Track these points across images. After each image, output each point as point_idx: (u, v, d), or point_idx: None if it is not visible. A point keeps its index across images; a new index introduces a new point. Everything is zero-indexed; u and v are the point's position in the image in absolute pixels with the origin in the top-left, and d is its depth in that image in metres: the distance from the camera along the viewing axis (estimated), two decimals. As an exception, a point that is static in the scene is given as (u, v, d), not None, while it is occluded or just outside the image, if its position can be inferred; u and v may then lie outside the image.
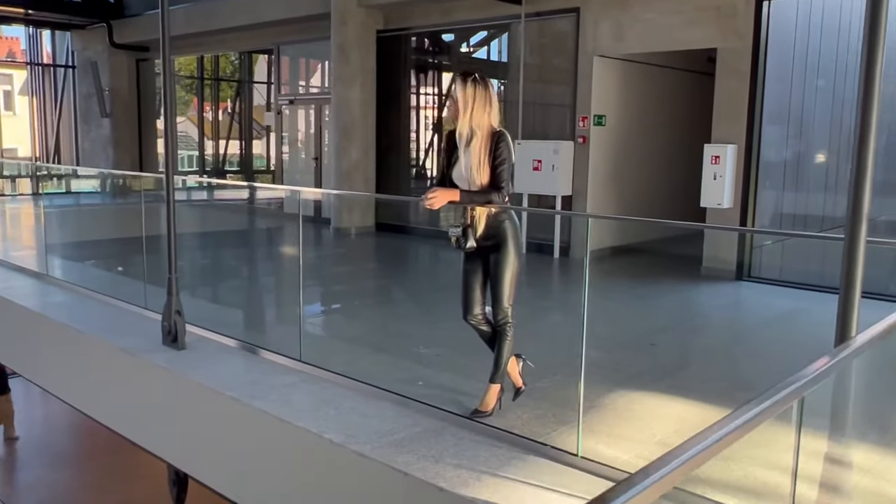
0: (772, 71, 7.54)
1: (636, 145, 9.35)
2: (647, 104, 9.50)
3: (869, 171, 2.36)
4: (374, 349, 5.31)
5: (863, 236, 2.40)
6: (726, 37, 7.53)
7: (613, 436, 3.81)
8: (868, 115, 2.30)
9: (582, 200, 8.75)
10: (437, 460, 3.45)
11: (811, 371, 1.35)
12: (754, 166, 7.54)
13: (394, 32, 10.87)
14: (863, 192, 2.31)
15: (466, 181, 3.89)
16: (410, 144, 11.50)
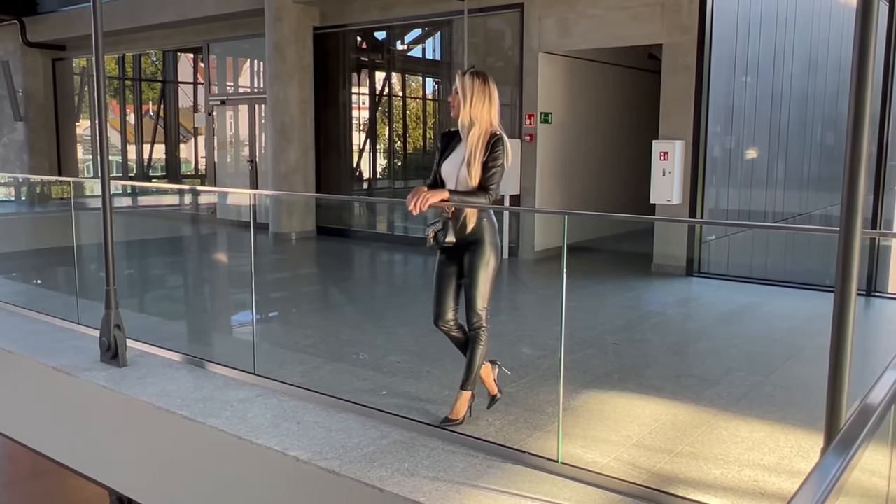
0: (715, 66, 7.61)
1: (584, 142, 9.33)
2: (593, 101, 9.49)
3: (863, 167, 2.28)
4: (331, 358, 5.07)
5: (858, 230, 2.32)
6: (671, 32, 7.56)
7: (589, 439, 3.70)
8: (861, 108, 2.21)
9: (531, 199, 8.66)
10: (412, 473, 3.26)
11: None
12: (702, 162, 7.58)
13: (331, 29, 10.58)
14: (857, 186, 2.23)
15: (455, 176, 3.74)
16: (351, 145, 11.21)
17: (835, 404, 2.51)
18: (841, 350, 2.45)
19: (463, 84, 3.68)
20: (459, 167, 3.72)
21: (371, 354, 5.17)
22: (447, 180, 3.78)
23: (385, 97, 11.30)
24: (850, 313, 2.44)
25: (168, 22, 12.06)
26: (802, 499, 0.83)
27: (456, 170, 3.75)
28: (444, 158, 3.79)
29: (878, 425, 1.10)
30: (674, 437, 3.72)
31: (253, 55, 12.49)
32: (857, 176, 2.39)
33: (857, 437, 1.00)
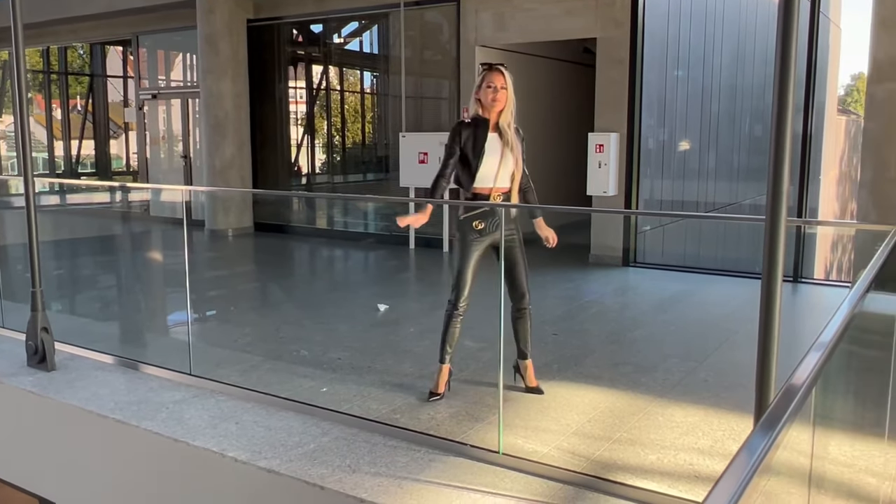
0: (648, 60, 7.76)
1: (522, 136, 9.39)
2: (530, 94, 9.54)
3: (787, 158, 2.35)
4: (270, 356, 4.99)
5: (783, 219, 2.39)
6: (605, 26, 7.67)
7: (530, 429, 3.73)
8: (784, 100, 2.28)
9: (469, 192, 8.68)
10: (353, 470, 3.24)
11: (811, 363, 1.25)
12: (636, 154, 7.73)
13: (266, 22, 10.40)
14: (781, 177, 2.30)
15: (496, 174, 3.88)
16: (289, 139, 11.05)
17: (763, 387, 2.59)
18: (768, 334, 2.53)
19: (506, 79, 3.81)
20: (500, 164, 3.86)
21: (311, 351, 5.11)
22: (485, 178, 3.87)
23: (323, 91, 11.17)
24: (776, 299, 2.52)
25: (95, 13, 11.65)
26: (729, 480, 0.85)
27: (496, 167, 3.87)
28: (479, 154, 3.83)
29: (801, 405, 1.13)
30: (612, 424, 3.78)
31: (185, 48, 12.18)
32: (781, 167, 2.46)
33: (781, 418, 1.02)
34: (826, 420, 3.53)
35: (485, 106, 3.87)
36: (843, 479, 3.26)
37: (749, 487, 0.83)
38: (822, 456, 3.35)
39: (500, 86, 3.80)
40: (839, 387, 3.32)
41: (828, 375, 2.81)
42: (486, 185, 3.89)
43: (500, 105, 3.81)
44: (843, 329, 1.49)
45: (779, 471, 2.16)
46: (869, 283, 1.87)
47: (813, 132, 7.31)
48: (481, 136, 3.83)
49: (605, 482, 3.14)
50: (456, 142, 3.87)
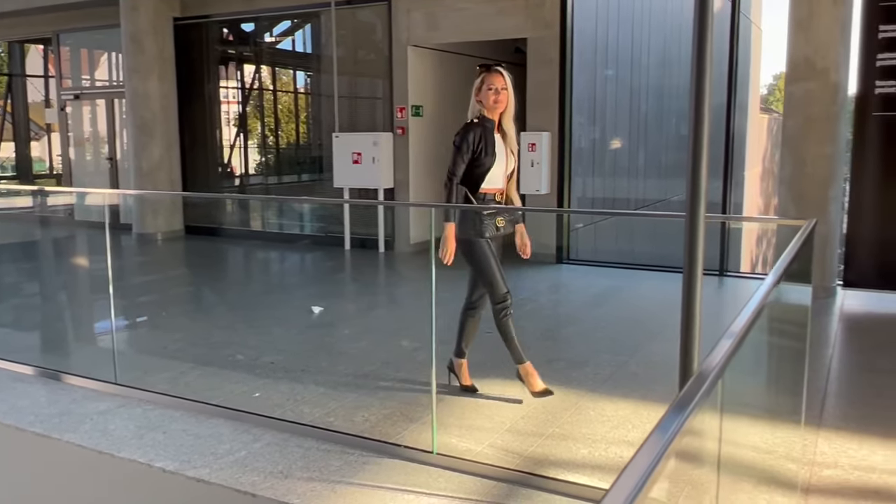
0: (578, 60, 7.88)
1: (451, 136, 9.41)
2: (463, 94, 9.56)
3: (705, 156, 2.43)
4: (200, 362, 4.87)
5: (702, 215, 2.47)
6: (535, 27, 7.76)
7: (464, 427, 3.75)
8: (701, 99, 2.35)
9: (404, 192, 8.67)
10: (285, 476, 3.19)
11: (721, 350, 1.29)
12: (567, 153, 7.84)
13: (193, 20, 10.16)
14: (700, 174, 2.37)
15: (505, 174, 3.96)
16: (220, 140, 10.82)
17: (685, 378, 2.65)
18: (689, 327, 2.59)
19: (506, 80, 3.84)
20: (505, 165, 3.94)
21: (244, 356, 5.01)
22: (494, 179, 3.91)
23: (255, 91, 10.98)
24: (696, 292, 2.59)
25: (13, 10, 11.18)
26: (638, 463, 0.86)
27: (504, 167, 3.94)
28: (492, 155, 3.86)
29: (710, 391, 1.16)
30: (545, 420, 3.82)
31: (109, 47, 11.80)
32: (700, 164, 2.53)
33: (691, 402, 1.05)
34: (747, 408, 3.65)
35: (487, 108, 3.88)
36: (766, 466, 3.37)
37: (655, 472, 0.84)
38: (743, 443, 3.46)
39: (501, 87, 3.83)
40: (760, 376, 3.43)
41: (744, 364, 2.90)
42: (494, 185, 3.94)
43: (502, 106, 3.85)
44: (752, 319, 1.54)
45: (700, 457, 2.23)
46: (779, 276, 1.94)
47: (735, 130, 7.55)
48: (491, 138, 3.86)
49: (537, 478, 3.18)
50: (470, 143, 3.86)
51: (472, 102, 3.94)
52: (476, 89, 3.92)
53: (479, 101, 3.89)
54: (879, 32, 5.89)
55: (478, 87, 3.90)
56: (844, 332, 5.60)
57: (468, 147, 3.84)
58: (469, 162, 3.87)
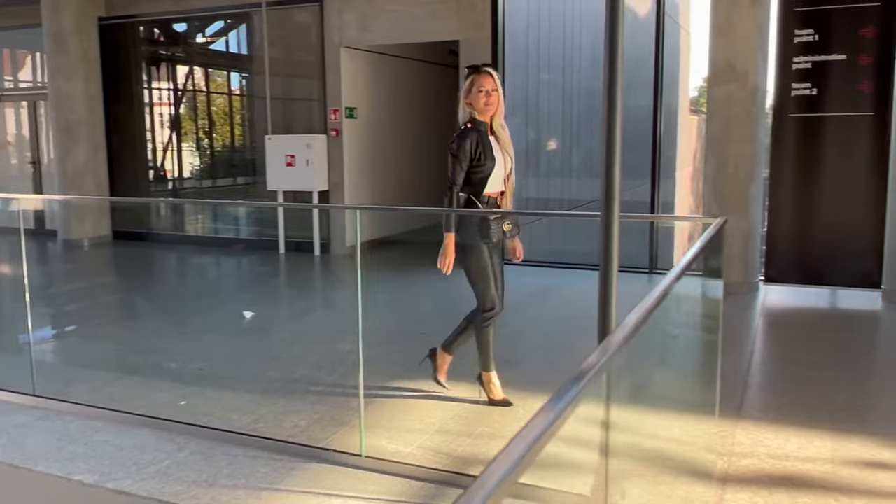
0: (511, 62, 7.95)
1: (390, 136, 9.42)
2: (397, 96, 9.60)
3: (618, 157, 2.50)
4: (125, 371, 4.75)
5: (616, 215, 2.54)
6: (467, 29, 7.80)
7: (394, 429, 3.75)
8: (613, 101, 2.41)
9: (339, 194, 8.62)
10: (210, 484, 3.14)
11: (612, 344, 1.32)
12: (500, 154, 7.90)
13: (119, 20, 9.89)
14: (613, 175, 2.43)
15: (504, 178, 3.86)
16: (150, 143, 10.56)
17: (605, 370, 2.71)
18: (605, 325, 2.65)
19: (496, 81, 3.73)
20: (503, 167, 3.83)
21: (172, 363, 4.91)
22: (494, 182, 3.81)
23: (186, 92, 10.75)
24: (612, 291, 2.65)
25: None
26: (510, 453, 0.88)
27: (502, 170, 3.82)
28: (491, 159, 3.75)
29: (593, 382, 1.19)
30: (475, 420, 3.85)
31: (31, 47, 11.39)
32: (613, 165, 2.59)
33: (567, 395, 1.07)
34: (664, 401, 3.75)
35: (478, 110, 3.77)
36: (686, 457, 3.47)
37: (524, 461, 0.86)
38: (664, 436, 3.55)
39: (492, 89, 3.72)
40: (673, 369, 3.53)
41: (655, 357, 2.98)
42: (494, 189, 3.85)
43: (493, 108, 3.75)
44: (648, 311, 1.58)
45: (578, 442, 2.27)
46: (681, 271, 2.00)
47: (665, 131, 7.74)
48: (487, 142, 3.77)
49: (466, 478, 3.19)
50: (467, 148, 3.74)
51: (462, 106, 3.81)
52: (465, 92, 3.79)
53: (469, 103, 3.77)
54: (795, 37, 6.12)
55: (467, 90, 3.78)
56: (766, 326, 5.80)
57: (465, 154, 3.73)
58: (469, 168, 3.76)
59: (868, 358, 4.92)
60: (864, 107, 5.98)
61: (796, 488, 3.06)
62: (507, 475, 0.82)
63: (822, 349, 5.05)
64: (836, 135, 6.08)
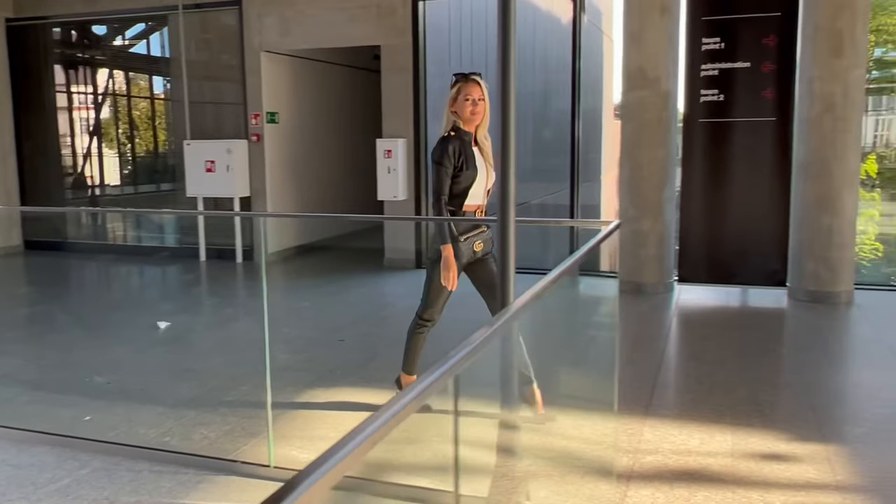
0: (432, 67, 7.98)
1: (313, 142, 9.33)
2: (320, 100, 9.52)
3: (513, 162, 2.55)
4: (29, 387, 4.57)
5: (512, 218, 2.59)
6: (388, 34, 7.80)
7: (307, 438, 3.71)
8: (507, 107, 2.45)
9: (262, 201, 8.49)
10: (111, 502, 3.05)
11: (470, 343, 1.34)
12: (424, 159, 7.93)
13: (28, 21, 9.51)
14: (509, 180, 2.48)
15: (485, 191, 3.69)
16: (62, 149, 10.18)
17: (504, 378, 2.75)
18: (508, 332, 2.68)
19: (483, 90, 3.57)
20: (486, 179, 3.66)
21: (80, 378, 4.74)
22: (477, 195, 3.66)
23: (102, 96, 10.42)
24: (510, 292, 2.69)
25: None
26: (337, 450, 0.88)
27: (484, 182, 3.65)
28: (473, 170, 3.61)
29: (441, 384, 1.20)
30: (389, 425, 3.84)
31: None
32: (508, 170, 2.63)
33: (402, 400, 1.08)
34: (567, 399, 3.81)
35: (463, 119, 3.60)
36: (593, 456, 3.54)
37: (347, 458, 0.87)
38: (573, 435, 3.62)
39: (479, 97, 3.57)
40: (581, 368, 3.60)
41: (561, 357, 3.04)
42: (475, 202, 3.68)
43: (479, 118, 3.60)
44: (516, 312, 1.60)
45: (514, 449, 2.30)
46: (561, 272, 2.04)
47: (584, 135, 7.89)
48: (470, 151, 3.61)
49: (378, 484, 3.19)
50: (450, 158, 3.57)
51: (447, 114, 3.65)
52: (451, 100, 3.63)
53: (455, 112, 3.61)
54: (703, 45, 6.34)
55: (453, 98, 3.63)
56: (678, 325, 5.97)
57: (449, 160, 3.55)
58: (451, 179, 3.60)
59: (772, 354, 5.12)
60: (767, 112, 6.23)
61: (696, 482, 3.16)
62: (329, 469, 0.83)
63: (729, 346, 5.24)
64: (742, 139, 6.32)
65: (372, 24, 7.84)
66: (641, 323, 5.96)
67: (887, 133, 17.17)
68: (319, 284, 7.40)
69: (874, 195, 15.26)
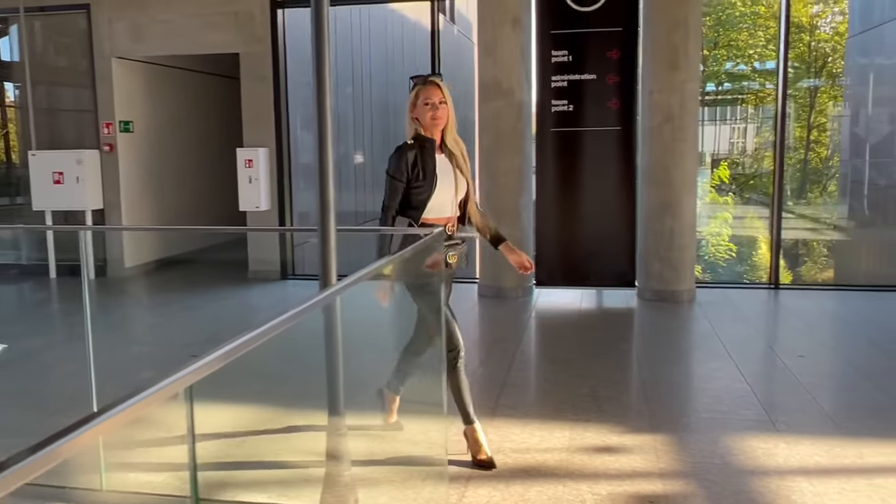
0: (297, 76, 7.89)
1: (171, 152, 9.02)
2: (178, 109, 9.21)
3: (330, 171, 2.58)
4: None
5: (332, 226, 2.61)
6: (247, 42, 7.66)
7: (144, 460, 3.58)
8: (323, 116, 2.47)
9: (116, 213, 8.11)
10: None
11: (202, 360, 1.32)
12: (287, 168, 7.83)
13: None
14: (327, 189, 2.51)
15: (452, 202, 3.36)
16: None
17: (332, 384, 2.76)
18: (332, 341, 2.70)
19: (444, 93, 3.28)
20: (455, 190, 3.34)
21: None
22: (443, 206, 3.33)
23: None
24: (335, 300, 2.71)
25: None
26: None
27: (451, 193, 3.34)
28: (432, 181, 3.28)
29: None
30: (232, 442, 3.76)
31: None
32: (326, 178, 2.65)
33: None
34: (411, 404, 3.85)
35: (424, 126, 3.31)
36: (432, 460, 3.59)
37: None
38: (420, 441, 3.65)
39: (439, 101, 3.29)
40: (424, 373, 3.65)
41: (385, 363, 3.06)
42: (441, 214, 3.34)
43: (441, 122, 3.31)
44: (276, 323, 1.60)
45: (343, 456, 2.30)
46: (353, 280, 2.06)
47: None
48: (431, 160, 3.31)
49: (215, 502, 3.11)
50: (402, 169, 3.29)
51: (408, 121, 3.39)
52: (410, 105, 3.37)
53: (415, 118, 3.34)
54: (552, 57, 6.60)
55: (412, 103, 3.36)
56: (534, 327, 6.17)
57: (401, 173, 3.28)
58: (406, 189, 3.31)
59: (616, 351, 5.38)
60: (612, 122, 6.56)
61: (532, 478, 3.27)
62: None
63: (578, 346, 5.46)
64: (591, 148, 6.62)
65: (229, 32, 7.67)
66: (499, 326, 6.12)
67: (742, 141, 18.45)
68: (181, 298, 7.15)
69: (727, 199, 16.36)
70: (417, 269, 3.25)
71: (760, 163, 17.82)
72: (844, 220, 14.51)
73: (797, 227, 15.22)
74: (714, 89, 18.23)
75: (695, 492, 3.14)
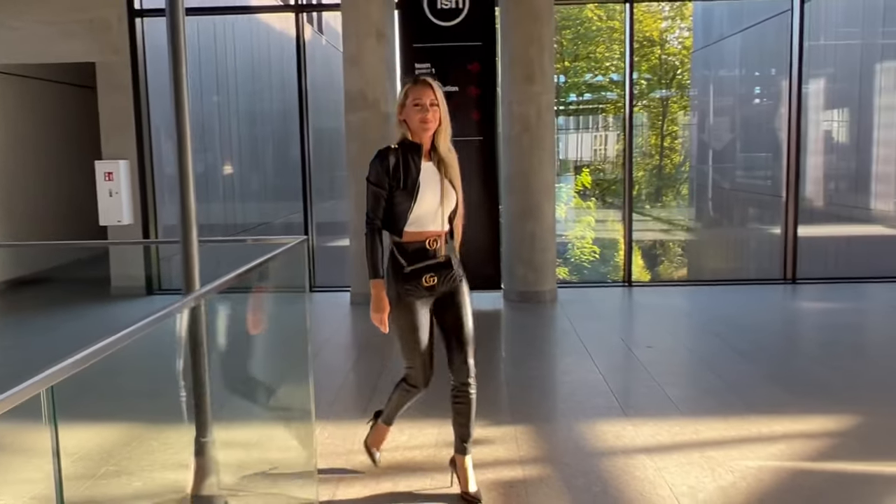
0: (160, 87, 7.70)
1: (23, 165, 8.56)
2: (30, 120, 8.77)
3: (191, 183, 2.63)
4: None
5: (194, 235, 2.67)
6: (103, 51, 7.42)
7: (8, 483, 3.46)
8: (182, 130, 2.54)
9: (-36, 231, 7.63)
10: None
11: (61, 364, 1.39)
12: (150, 181, 7.63)
13: None
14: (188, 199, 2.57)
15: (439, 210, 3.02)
16: None
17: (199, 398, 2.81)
18: (196, 344, 2.75)
19: (437, 94, 2.99)
20: (441, 201, 3.01)
21: None
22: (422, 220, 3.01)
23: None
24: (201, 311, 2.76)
25: None
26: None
27: (436, 204, 3.01)
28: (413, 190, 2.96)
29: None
30: (99, 460, 3.70)
31: None
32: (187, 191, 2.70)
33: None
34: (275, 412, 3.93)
35: (413, 129, 3.00)
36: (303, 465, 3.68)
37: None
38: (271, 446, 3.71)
39: (431, 102, 2.97)
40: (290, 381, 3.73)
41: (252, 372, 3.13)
42: (423, 227, 3.03)
43: (432, 126, 2.98)
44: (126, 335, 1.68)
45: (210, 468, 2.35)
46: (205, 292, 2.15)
47: (327, 155, 8.08)
48: (415, 167, 2.98)
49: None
50: (383, 175, 2.97)
51: (396, 123, 3.08)
52: (399, 106, 3.05)
53: (404, 120, 3.02)
54: (416, 69, 6.81)
55: (401, 104, 3.04)
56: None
57: (383, 180, 2.97)
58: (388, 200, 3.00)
59: (483, 350, 5.63)
60: (475, 132, 6.86)
61: (401, 474, 3.43)
62: None
63: (448, 347, 5.67)
64: (456, 157, 6.87)
65: (85, 41, 7.40)
66: (372, 331, 6.23)
67: (603, 148, 19.48)
68: (31, 320, 6.82)
69: (589, 204, 17.24)
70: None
71: (621, 169, 18.87)
72: (693, 222, 15.68)
73: (654, 228, 16.28)
74: (576, 99, 19.17)
75: (550, 474, 3.40)
